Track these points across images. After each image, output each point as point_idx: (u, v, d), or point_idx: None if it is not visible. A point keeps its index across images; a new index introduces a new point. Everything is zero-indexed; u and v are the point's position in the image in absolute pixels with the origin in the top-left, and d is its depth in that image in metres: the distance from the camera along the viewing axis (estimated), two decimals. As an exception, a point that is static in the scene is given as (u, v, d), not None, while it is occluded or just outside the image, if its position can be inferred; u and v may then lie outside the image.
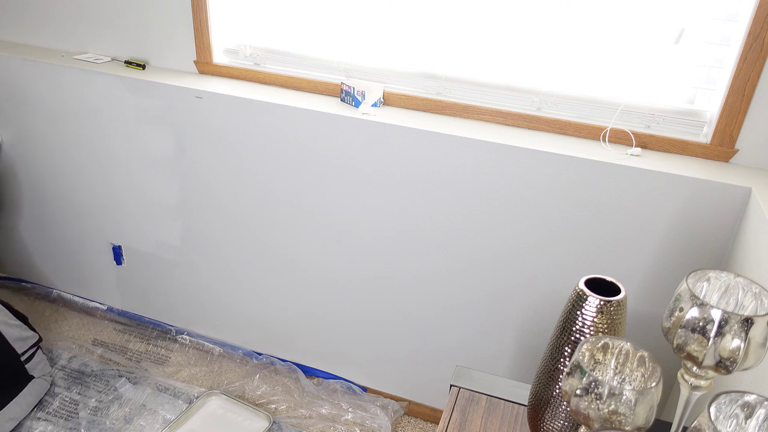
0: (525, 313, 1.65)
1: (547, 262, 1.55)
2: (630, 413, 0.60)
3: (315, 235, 1.80)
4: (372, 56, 1.64)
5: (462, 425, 0.91)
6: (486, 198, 1.53)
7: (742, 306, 0.65)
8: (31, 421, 1.88)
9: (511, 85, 1.54)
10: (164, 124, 1.81)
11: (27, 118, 2.01)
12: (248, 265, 1.96)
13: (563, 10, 1.41)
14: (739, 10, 1.30)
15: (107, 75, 1.80)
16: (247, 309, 2.06)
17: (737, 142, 1.38)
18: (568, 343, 0.75)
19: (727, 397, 0.55)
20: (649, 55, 1.39)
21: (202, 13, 1.71)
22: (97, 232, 2.16)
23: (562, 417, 0.77)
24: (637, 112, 1.45)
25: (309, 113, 1.61)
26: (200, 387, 2.03)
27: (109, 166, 1.98)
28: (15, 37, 2.03)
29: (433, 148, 1.52)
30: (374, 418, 1.93)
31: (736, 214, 1.33)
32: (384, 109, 1.62)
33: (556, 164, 1.42)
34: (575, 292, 0.75)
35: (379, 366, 1.96)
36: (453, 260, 1.65)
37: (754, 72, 1.29)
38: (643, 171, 1.36)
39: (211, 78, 1.80)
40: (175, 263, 2.08)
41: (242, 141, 1.73)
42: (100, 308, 2.35)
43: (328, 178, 1.69)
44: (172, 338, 2.24)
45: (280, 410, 1.97)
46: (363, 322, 1.89)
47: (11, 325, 1.87)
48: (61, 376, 2.05)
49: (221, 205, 1.88)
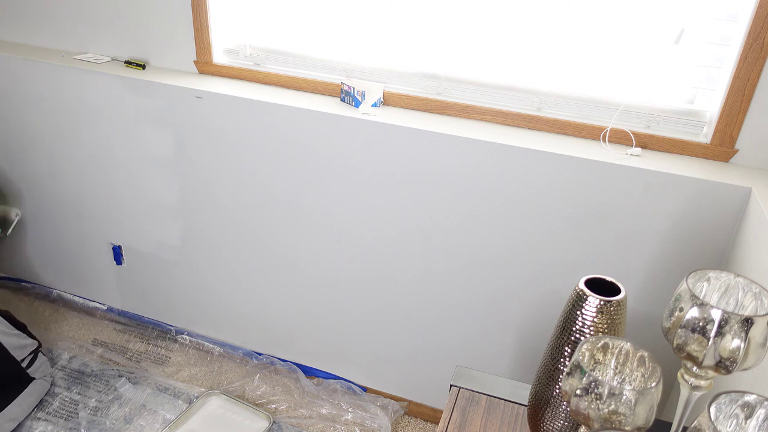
0: (525, 313, 1.65)
1: (547, 262, 1.55)
2: (630, 413, 0.60)
3: (315, 235, 1.80)
4: (372, 56, 1.64)
5: (462, 425, 0.91)
6: (486, 198, 1.53)
7: (742, 306, 0.65)
8: (31, 421, 1.88)
9: (511, 85, 1.54)
10: (164, 124, 1.81)
11: (27, 118, 2.01)
12: (248, 265, 1.96)
13: (563, 10, 1.41)
14: (739, 10, 1.30)
15: (107, 75, 1.80)
16: (247, 309, 2.06)
17: (737, 142, 1.38)
18: (568, 343, 0.75)
19: (727, 397, 0.55)
20: (649, 55, 1.39)
21: (202, 13, 1.71)
22: (97, 232, 2.16)
23: (562, 417, 0.77)
24: (637, 112, 1.45)
25: (309, 113, 1.61)
26: (200, 387, 2.03)
27: (109, 166, 1.98)
28: (15, 37, 2.03)
29: (433, 148, 1.52)
30: (374, 418, 1.93)
31: (736, 214, 1.33)
32: (384, 109, 1.62)
33: (556, 164, 1.42)
34: (575, 292, 0.75)
35: (379, 366, 1.96)
36: (453, 260, 1.65)
37: (754, 72, 1.29)
38: (643, 171, 1.36)
39: (211, 78, 1.80)
40: (175, 263, 2.08)
41: (242, 141, 1.73)
42: (100, 308, 2.35)
43: (328, 178, 1.69)
44: (172, 338, 2.24)
45: (280, 410, 1.97)
46: (363, 322, 1.89)
47: (10, 334, 1.87)
48: (61, 376, 2.05)
49: (221, 205, 1.88)
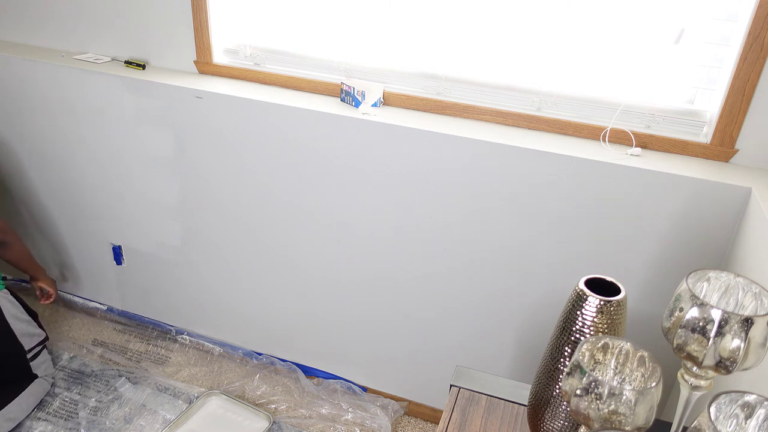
0: (525, 313, 1.65)
1: (547, 262, 1.55)
2: (630, 413, 0.60)
3: (315, 235, 1.80)
4: (372, 56, 1.64)
5: (462, 425, 0.91)
6: (486, 198, 1.53)
7: (742, 306, 0.65)
8: (31, 421, 1.88)
9: (511, 85, 1.54)
10: (164, 124, 1.81)
11: (27, 118, 2.01)
12: (248, 265, 1.96)
13: (563, 10, 1.41)
14: (739, 10, 1.30)
15: (107, 75, 1.80)
16: (247, 309, 2.06)
17: (737, 142, 1.38)
18: (568, 343, 0.75)
19: (727, 397, 0.55)
20: (649, 55, 1.39)
21: (202, 13, 1.71)
22: (97, 232, 2.16)
23: (562, 417, 0.77)
24: (637, 112, 1.45)
25: (309, 113, 1.61)
26: (200, 387, 2.03)
27: (109, 166, 1.98)
28: (15, 37, 2.03)
29: (433, 148, 1.52)
30: (374, 418, 1.93)
31: (736, 214, 1.33)
32: (384, 109, 1.62)
33: (556, 164, 1.42)
34: (575, 292, 0.75)
35: (379, 366, 1.96)
36: (453, 260, 1.65)
37: (754, 72, 1.29)
38: (643, 171, 1.36)
39: (211, 78, 1.80)
40: (175, 263, 2.08)
41: (242, 141, 1.73)
42: (100, 308, 2.35)
43: (328, 178, 1.69)
44: (172, 338, 2.24)
45: (280, 410, 1.97)
46: (363, 322, 1.89)
47: (21, 319, 1.86)
48: (61, 376, 2.05)
49: (221, 205, 1.88)
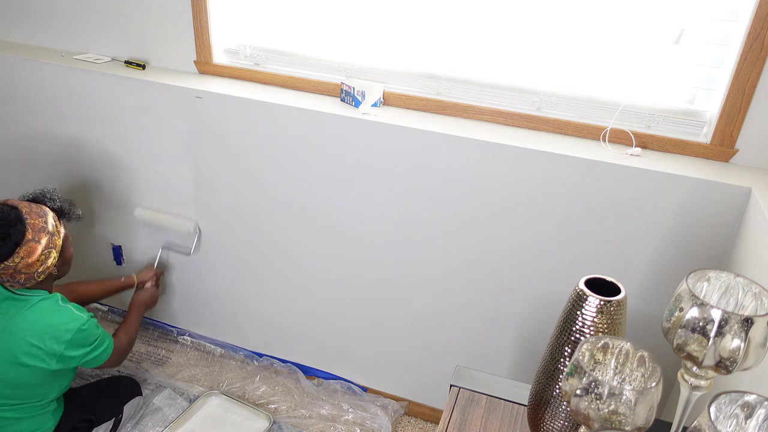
0: (525, 313, 1.65)
1: (547, 261, 1.55)
2: (630, 413, 0.60)
3: (314, 235, 1.80)
4: (372, 56, 1.64)
5: (462, 425, 0.91)
6: (486, 198, 1.53)
7: (742, 306, 0.65)
8: (32, 422, 1.87)
9: (511, 85, 1.54)
10: (164, 124, 1.81)
11: (27, 118, 2.01)
12: (248, 266, 1.96)
13: (563, 10, 1.41)
14: (739, 10, 1.30)
15: (107, 75, 1.80)
16: (247, 310, 2.06)
17: (737, 142, 1.38)
18: (568, 343, 0.75)
19: (727, 397, 0.55)
20: (649, 55, 1.39)
21: (202, 13, 1.71)
22: (97, 232, 2.16)
23: (562, 417, 0.77)
24: (637, 112, 1.45)
25: (309, 113, 1.61)
26: (201, 387, 2.03)
27: (109, 166, 1.98)
28: (15, 37, 2.03)
29: (433, 148, 1.52)
30: (374, 418, 1.93)
31: (736, 214, 1.33)
32: (384, 109, 1.62)
33: (557, 164, 1.42)
34: (575, 292, 0.75)
35: (379, 366, 1.96)
36: (453, 260, 1.65)
37: (754, 72, 1.29)
38: (643, 171, 1.36)
39: (211, 78, 1.80)
40: (176, 264, 2.08)
41: (242, 141, 1.73)
42: (100, 309, 2.35)
43: (328, 179, 1.69)
44: (173, 339, 2.24)
45: (280, 410, 1.97)
46: (363, 322, 1.89)
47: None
48: (61, 376, 2.05)
49: (221, 205, 1.88)
